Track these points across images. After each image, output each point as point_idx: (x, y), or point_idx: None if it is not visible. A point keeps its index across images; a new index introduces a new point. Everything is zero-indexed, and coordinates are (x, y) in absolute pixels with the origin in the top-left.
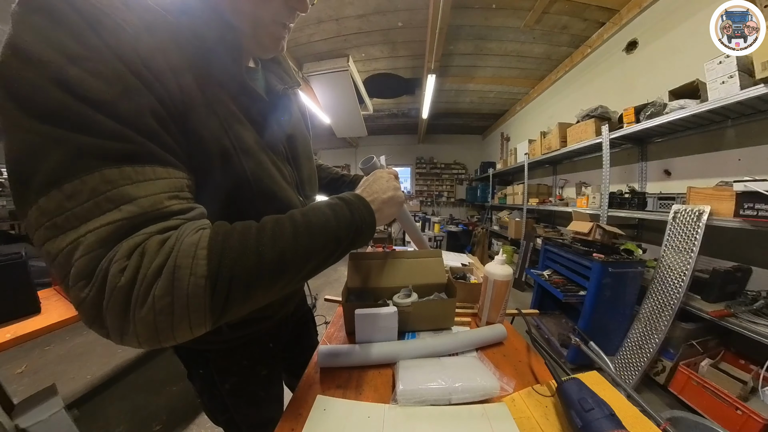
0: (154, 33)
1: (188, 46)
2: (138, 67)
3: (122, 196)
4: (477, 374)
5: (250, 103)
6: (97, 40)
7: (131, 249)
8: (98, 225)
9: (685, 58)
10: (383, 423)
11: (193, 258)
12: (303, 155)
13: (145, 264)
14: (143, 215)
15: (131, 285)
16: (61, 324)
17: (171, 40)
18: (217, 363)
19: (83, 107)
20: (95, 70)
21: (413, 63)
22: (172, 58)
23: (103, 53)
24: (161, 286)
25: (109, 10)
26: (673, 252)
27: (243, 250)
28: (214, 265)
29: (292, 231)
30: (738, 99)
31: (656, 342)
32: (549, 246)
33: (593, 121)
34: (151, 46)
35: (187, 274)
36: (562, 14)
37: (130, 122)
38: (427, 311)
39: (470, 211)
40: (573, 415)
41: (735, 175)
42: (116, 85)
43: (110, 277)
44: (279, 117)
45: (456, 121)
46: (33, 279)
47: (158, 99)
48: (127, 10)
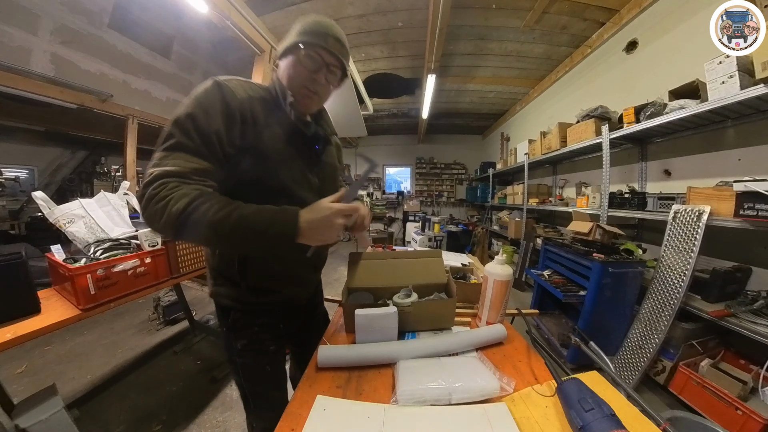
0: (251, 98)
1: (266, 104)
2: (228, 113)
3: (176, 163)
4: (477, 374)
5: (292, 134)
6: (218, 102)
7: (162, 179)
8: (160, 170)
9: (685, 58)
10: (383, 423)
11: (180, 198)
12: (329, 176)
13: (163, 191)
14: (176, 172)
15: (152, 196)
16: (61, 324)
17: (260, 102)
18: (236, 321)
19: (188, 126)
20: (209, 114)
21: (413, 63)
22: (255, 108)
23: (213, 108)
24: (159, 205)
25: (230, 89)
26: (673, 252)
27: (202, 211)
28: (182, 211)
29: (233, 216)
30: (738, 99)
31: (656, 342)
32: (549, 246)
33: (593, 121)
34: (241, 104)
35: (172, 206)
36: (562, 14)
37: (200, 137)
38: (427, 311)
39: (470, 211)
40: (573, 415)
41: (735, 175)
42: (210, 120)
43: (147, 190)
44: (315, 146)
45: (456, 121)
46: (33, 279)
47: (238, 130)
48: (242, 89)
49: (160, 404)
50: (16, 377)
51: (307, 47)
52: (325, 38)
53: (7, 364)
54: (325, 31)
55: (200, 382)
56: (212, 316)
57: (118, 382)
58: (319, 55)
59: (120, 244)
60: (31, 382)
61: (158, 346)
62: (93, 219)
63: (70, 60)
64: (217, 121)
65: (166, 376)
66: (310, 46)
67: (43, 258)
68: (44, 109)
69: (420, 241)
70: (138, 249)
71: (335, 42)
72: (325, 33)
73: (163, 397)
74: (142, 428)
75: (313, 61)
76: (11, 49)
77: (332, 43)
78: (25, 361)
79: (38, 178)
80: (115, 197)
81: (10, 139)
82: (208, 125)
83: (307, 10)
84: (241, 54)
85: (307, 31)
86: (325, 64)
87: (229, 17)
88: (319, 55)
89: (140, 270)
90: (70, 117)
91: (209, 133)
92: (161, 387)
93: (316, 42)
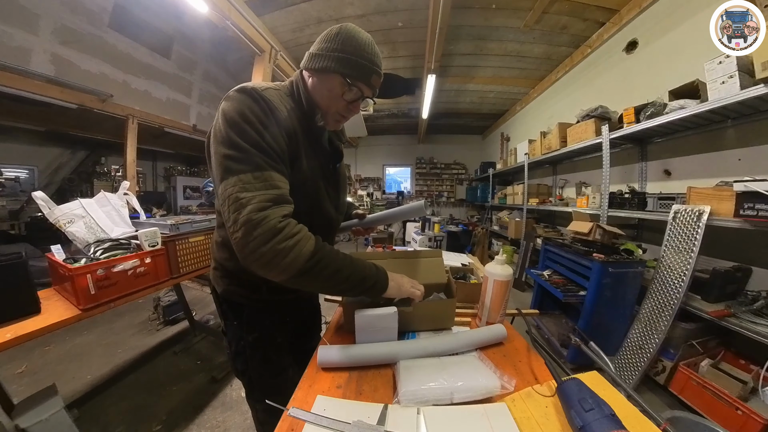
0: (290, 114)
1: (301, 119)
2: (281, 131)
3: (273, 185)
4: (478, 373)
5: (320, 150)
6: (272, 117)
7: (283, 215)
8: (263, 195)
9: (685, 58)
10: (383, 423)
11: (308, 240)
12: (342, 187)
13: (287, 231)
14: (282, 197)
15: (278, 230)
16: (61, 324)
17: (296, 118)
18: (249, 316)
19: (264, 145)
20: (271, 131)
21: (413, 63)
22: (295, 125)
23: (272, 124)
24: (288, 243)
25: (275, 104)
26: (673, 252)
27: (328, 259)
28: (313, 254)
29: (347, 262)
30: (738, 99)
31: (656, 342)
32: (549, 246)
33: (593, 121)
34: (287, 121)
35: (301, 246)
36: (562, 14)
37: (276, 156)
38: (427, 311)
39: (470, 211)
40: (573, 415)
41: (735, 175)
42: (275, 137)
43: (270, 221)
44: (336, 163)
45: (456, 121)
46: (33, 279)
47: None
48: (281, 103)
49: (160, 404)
50: (16, 377)
51: (350, 82)
52: (370, 74)
53: (7, 364)
54: (370, 65)
55: (200, 382)
56: (212, 316)
57: (118, 382)
58: (361, 91)
59: (120, 244)
60: (31, 382)
61: (158, 346)
62: (93, 219)
63: (70, 60)
64: (279, 140)
65: (166, 376)
66: (354, 81)
67: (43, 258)
68: (44, 109)
69: (420, 241)
70: (138, 249)
71: (377, 79)
72: (370, 69)
73: (163, 397)
74: (142, 428)
75: (355, 94)
76: (11, 49)
77: (375, 81)
78: (25, 361)
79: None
80: (115, 197)
81: (10, 139)
82: (275, 142)
83: (307, 10)
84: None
85: (353, 63)
86: (363, 97)
87: (229, 17)
88: (361, 91)
89: (140, 270)
90: (70, 117)
91: (280, 151)
92: (161, 387)
93: (362, 79)
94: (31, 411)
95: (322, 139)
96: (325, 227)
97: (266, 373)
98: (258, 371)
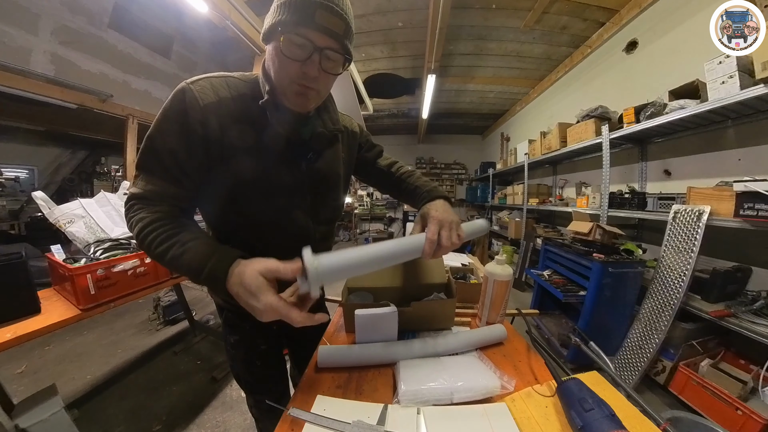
0: (221, 106)
1: (245, 106)
2: (196, 128)
3: (140, 185)
4: (478, 373)
5: (275, 143)
6: (181, 118)
7: (130, 201)
8: (137, 189)
9: (685, 58)
10: (383, 423)
11: (136, 224)
12: (327, 186)
13: (129, 213)
14: (142, 195)
15: (125, 215)
16: (61, 324)
17: (236, 105)
18: (228, 318)
19: (156, 151)
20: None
21: (413, 63)
22: (225, 118)
23: (174, 129)
24: (128, 226)
25: (199, 100)
26: (673, 252)
27: (146, 243)
28: (138, 232)
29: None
30: (738, 99)
31: (656, 342)
32: (549, 246)
33: (593, 121)
34: (210, 116)
35: (131, 228)
36: (562, 14)
37: (167, 160)
38: (427, 311)
39: (470, 211)
40: (573, 415)
41: (735, 175)
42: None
43: (125, 207)
44: (307, 155)
45: (456, 121)
46: (33, 279)
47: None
48: (213, 93)
49: (160, 404)
50: (16, 377)
51: (289, 30)
52: (312, 10)
53: (7, 364)
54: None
55: (200, 382)
56: (212, 316)
57: (118, 382)
58: (308, 39)
59: (120, 244)
60: (31, 382)
61: (158, 346)
62: (93, 219)
63: (70, 60)
64: (171, 140)
65: (166, 376)
66: (293, 29)
67: (43, 258)
68: (44, 109)
69: None
70: (138, 249)
71: (327, 15)
72: (310, 3)
73: (163, 397)
74: (142, 428)
75: (301, 48)
76: (11, 49)
77: (323, 18)
78: (25, 361)
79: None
80: (115, 197)
81: (10, 139)
82: (163, 144)
83: None
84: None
85: (288, 5)
86: (317, 50)
87: (229, 17)
88: (308, 39)
89: (140, 270)
90: (70, 117)
91: (165, 152)
92: (161, 387)
93: (300, 21)
94: (31, 411)
95: (280, 128)
96: (298, 237)
97: (251, 378)
98: (239, 370)
